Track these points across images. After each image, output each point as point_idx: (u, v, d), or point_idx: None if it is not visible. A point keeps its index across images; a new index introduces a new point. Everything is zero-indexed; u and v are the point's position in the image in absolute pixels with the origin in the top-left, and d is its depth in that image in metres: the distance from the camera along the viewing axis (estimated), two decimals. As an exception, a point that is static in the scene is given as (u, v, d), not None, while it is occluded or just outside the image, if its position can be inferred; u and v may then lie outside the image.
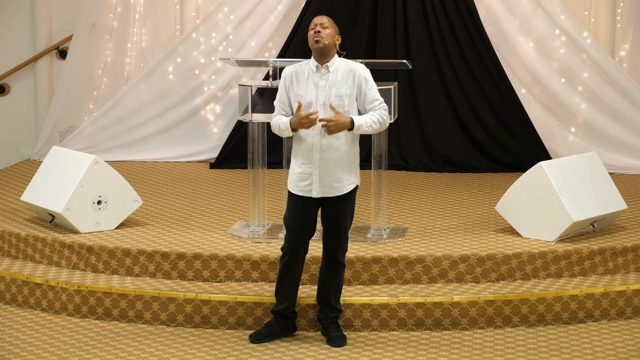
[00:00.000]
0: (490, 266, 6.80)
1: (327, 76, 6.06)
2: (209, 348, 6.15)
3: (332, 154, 6.02)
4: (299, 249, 6.14)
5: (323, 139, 6.00)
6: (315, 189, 6.04)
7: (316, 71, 6.08)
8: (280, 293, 6.23)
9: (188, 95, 10.45)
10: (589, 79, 9.94)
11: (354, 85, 6.06)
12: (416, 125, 10.15)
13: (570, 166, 7.34)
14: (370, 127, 6.00)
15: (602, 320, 6.61)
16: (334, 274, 6.21)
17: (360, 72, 6.08)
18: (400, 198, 8.66)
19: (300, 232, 6.11)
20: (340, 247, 6.17)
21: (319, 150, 6.01)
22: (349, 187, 6.09)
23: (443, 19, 10.03)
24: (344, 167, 6.06)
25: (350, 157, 6.10)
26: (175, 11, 10.75)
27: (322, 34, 6.02)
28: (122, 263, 6.97)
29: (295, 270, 6.17)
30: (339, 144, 6.04)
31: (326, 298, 6.26)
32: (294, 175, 6.10)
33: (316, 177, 6.03)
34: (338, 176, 6.05)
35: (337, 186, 6.05)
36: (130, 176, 9.35)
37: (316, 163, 6.02)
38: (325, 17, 6.15)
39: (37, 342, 6.22)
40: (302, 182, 6.07)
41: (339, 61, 6.13)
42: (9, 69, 10.80)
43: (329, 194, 6.05)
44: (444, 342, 6.24)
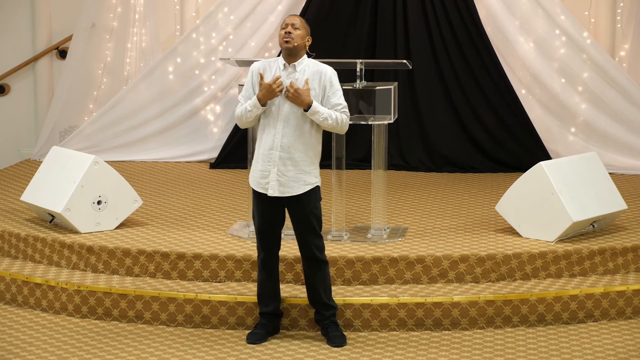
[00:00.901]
0: (490, 266, 6.80)
1: (294, 75, 6.09)
2: (209, 348, 6.15)
3: (293, 154, 6.05)
4: (272, 246, 6.21)
5: (284, 138, 6.03)
6: (272, 187, 6.07)
7: (283, 69, 6.11)
8: (264, 293, 6.27)
9: (188, 95, 10.45)
10: (589, 79, 9.94)
11: (320, 87, 6.09)
12: (416, 125, 10.15)
13: (570, 166, 7.34)
14: (326, 119, 6.03)
15: (602, 321, 6.61)
16: (317, 272, 6.20)
17: (327, 75, 6.13)
18: (400, 198, 8.66)
19: (268, 228, 6.17)
20: (313, 245, 6.15)
21: (279, 149, 6.04)
22: (306, 188, 6.09)
23: (443, 19, 10.03)
24: (303, 168, 6.08)
25: (310, 158, 6.11)
26: (175, 11, 10.76)
27: (292, 34, 6.06)
28: (122, 263, 6.97)
29: (274, 267, 6.24)
30: (301, 144, 6.05)
31: (317, 297, 6.25)
32: (256, 172, 6.15)
33: (274, 175, 6.06)
34: (296, 176, 6.07)
35: (294, 186, 6.07)
36: (130, 176, 9.35)
37: (275, 162, 6.05)
38: (298, 17, 6.19)
39: (37, 342, 6.22)
40: (262, 179, 6.11)
41: (307, 61, 6.16)
42: (9, 69, 10.80)
43: (286, 193, 6.07)
44: (444, 342, 6.24)
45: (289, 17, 6.18)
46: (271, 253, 6.23)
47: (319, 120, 6.04)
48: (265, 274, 6.24)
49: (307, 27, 6.18)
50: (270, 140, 6.06)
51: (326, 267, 6.24)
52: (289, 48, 6.07)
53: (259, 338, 6.21)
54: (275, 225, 6.18)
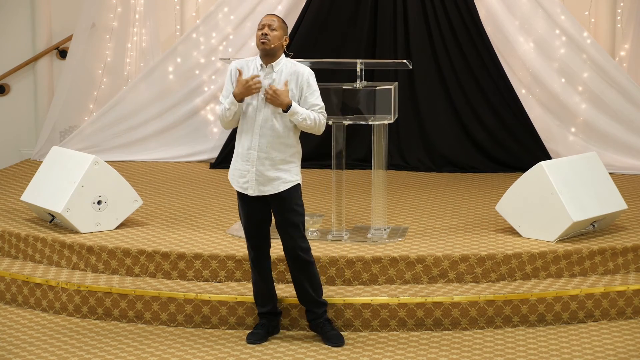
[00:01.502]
0: (490, 266, 6.80)
1: (271, 75, 6.08)
2: (209, 348, 6.15)
3: (270, 154, 6.05)
4: (262, 246, 6.21)
5: (261, 138, 6.02)
6: (251, 187, 6.08)
7: (260, 70, 6.10)
8: (260, 292, 6.27)
9: (188, 95, 10.45)
10: (589, 79, 9.94)
11: (297, 88, 6.08)
12: (416, 125, 10.14)
13: (571, 166, 7.34)
14: (305, 120, 6.02)
15: (602, 321, 6.61)
16: (302, 272, 6.18)
17: (304, 75, 6.11)
18: (400, 198, 8.66)
19: (254, 227, 6.17)
20: (296, 245, 6.12)
21: (257, 149, 6.04)
22: (285, 186, 6.08)
23: (443, 19, 10.03)
24: (281, 166, 6.07)
25: (289, 157, 6.10)
26: (175, 11, 10.75)
27: (269, 36, 6.04)
28: (122, 263, 6.97)
29: (265, 266, 6.23)
30: (278, 144, 6.05)
31: (307, 296, 6.23)
32: (235, 171, 6.18)
33: (252, 175, 6.07)
34: (274, 175, 6.07)
35: (273, 184, 6.07)
36: (130, 176, 9.35)
37: (254, 162, 6.06)
38: (275, 17, 6.15)
39: (37, 342, 6.22)
40: (241, 178, 6.13)
41: (284, 62, 6.14)
42: (9, 69, 10.80)
43: (265, 192, 6.08)
44: (444, 342, 6.24)
45: (266, 17, 6.14)
46: (261, 251, 6.21)
47: (298, 121, 6.02)
48: (257, 274, 6.24)
49: (285, 27, 6.15)
50: (248, 140, 6.07)
51: (312, 267, 6.20)
52: (265, 49, 6.05)
53: (259, 338, 6.20)
54: (261, 222, 6.17)
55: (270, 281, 6.28)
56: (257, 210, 6.15)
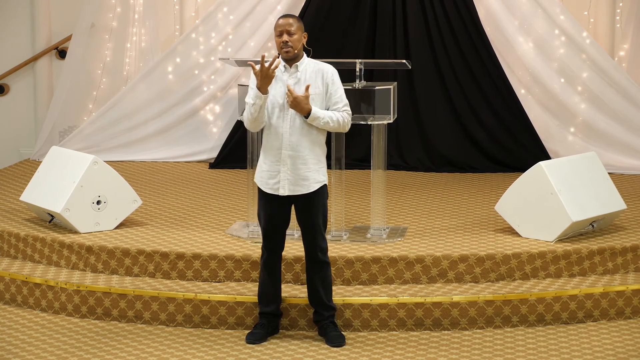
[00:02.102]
0: (489, 266, 6.80)
1: (296, 75, 6.08)
2: (209, 348, 6.15)
3: (301, 152, 6.04)
4: (276, 245, 6.20)
5: (292, 137, 6.02)
6: (283, 187, 6.07)
7: (285, 71, 6.10)
8: (266, 293, 6.25)
9: (187, 95, 10.45)
10: (589, 79, 9.94)
11: (322, 85, 6.10)
12: (415, 125, 10.15)
13: (570, 166, 7.34)
14: (327, 123, 6.03)
15: (602, 320, 6.61)
16: (317, 272, 6.21)
17: (328, 73, 6.12)
18: (399, 198, 8.66)
19: (274, 229, 6.16)
20: (317, 245, 6.16)
21: (288, 148, 6.04)
22: (317, 186, 6.10)
23: (442, 19, 10.03)
24: (312, 166, 6.08)
25: (318, 155, 6.12)
26: (175, 11, 10.75)
27: (290, 43, 6.03)
28: (122, 263, 6.97)
29: (275, 267, 6.23)
30: (308, 142, 6.06)
31: (317, 298, 6.25)
32: (263, 173, 6.15)
33: (284, 175, 6.06)
34: (306, 174, 6.07)
35: (304, 184, 6.07)
36: (130, 176, 9.35)
37: (285, 161, 6.05)
38: (291, 18, 6.10)
39: (37, 342, 6.22)
40: (270, 179, 6.10)
41: (307, 61, 6.15)
42: (9, 69, 10.80)
43: (297, 192, 6.08)
44: (443, 342, 6.24)
45: (282, 20, 6.09)
46: (275, 254, 6.22)
47: (320, 125, 6.03)
48: (267, 275, 6.24)
49: (301, 25, 6.12)
50: (277, 140, 6.05)
51: (328, 268, 6.25)
52: (289, 57, 6.06)
53: (259, 338, 6.20)
54: (282, 224, 6.18)
55: (279, 282, 6.27)
56: (281, 211, 6.14)
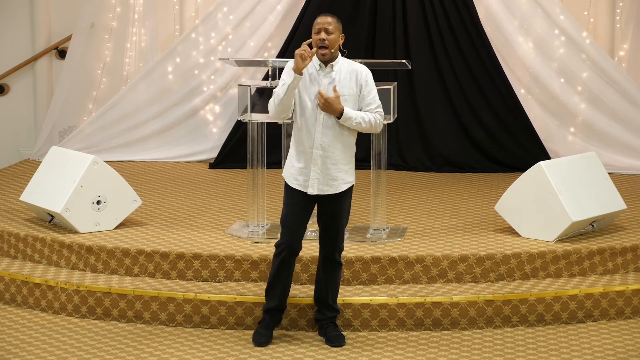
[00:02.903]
0: (489, 266, 6.80)
1: (331, 75, 6.06)
2: (209, 348, 6.15)
3: (332, 152, 6.04)
4: (297, 243, 6.15)
5: (324, 137, 6.01)
6: (312, 186, 6.05)
7: (319, 69, 6.08)
8: (275, 289, 6.20)
9: (187, 95, 10.45)
10: (588, 79, 9.94)
11: (356, 86, 6.09)
12: (415, 125, 10.15)
13: (570, 166, 7.34)
14: (359, 123, 6.03)
15: (602, 320, 6.61)
16: (331, 273, 6.22)
17: (362, 74, 6.12)
18: (399, 198, 8.66)
19: (298, 226, 6.12)
20: (337, 246, 6.18)
21: (320, 148, 6.02)
22: (345, 186, 6.11)
23: (442, 19, 10.03)
24: (342, 166, 6.08)
25: (348, 156, 6.12)
26: (175, 11, 10.75)
27: (327, 40, 6.01)
28: (122, 263, 6.97)
29: (291, 265, 6.19)
30: (339, 143, 6.05)
31: (324, 298, 6.25)
32: (293, 169, 6.12)
33: (315, 174, 6.05)
34: (335, 174, 6.07)
35: (333, 184, 6.07)
36: (130, 176, 9.35)
37: (316, 160, 6.04)
38: (330, 17, 6.09)
39: (37, 342, 6.22)
40: (301, 176, 6.08)
41: (342, 61, 6.14)
42: (9, 69, 10.80)
43: (326, 191, 6.07)
44: (443, 342, 6.24)
45: (322, 18, 6.07)
46: (294, 251, 6.14)
47: (352, 125, 6.02)
48: (282, 271, 6.14)
49: (340, 25, 6.10)
50: (309, 140, 6.03)
51: (340, 270, 6.26)
52: (325, 57, 6.04)
53: (266, 340, 6.13)
54: (305, 221, 6.15)
55: (290, 279, 6.22)
56: (308, 208, 6.13)
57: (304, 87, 6.04)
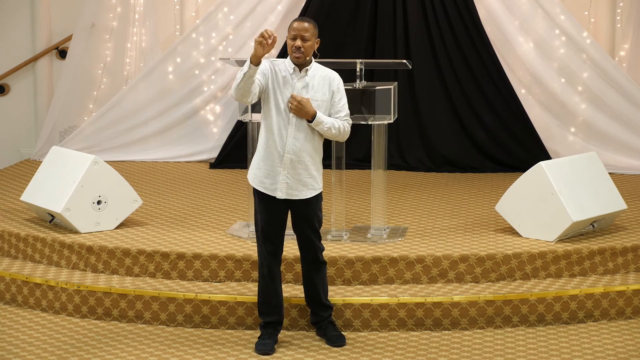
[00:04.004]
0: (490, 266, 6.80)
1: (305, 79, 6.03)
2: (209, 348, 6.15)
3: (303, 157, 5.99)
4: (277, 250, 6.09)
5: (296, 141, 5.96)
6: (280, 190, 6.00)
7: (293, 73, 6.04)
8: (269, 304, 6.12)
9: (188, 95, 10.45)
10: (589, 79, 9.94)
11: (329, 92, 6.06)
12: (416, 125, 10.15)
13: (570, 166, 7.34)
14: (330, 129, 6.00)
15: (602, 320, 6.61)
16: (318, 273, 6.19)
17: (335, 81, 6.10)
18: (400, 198, 8.66)
19: (275, 232, 6.06)
20: (316, 247, 6.14)
21: (291, 153, 5.97)
22: (313, 193, 6.06)
23: (443, 19, 10.03)
24: (313, 172, 6.04)
25: (318, 162, 6.09)
26: (175, 11, 10.76)
27: (302, 49, 5.97)
28: (122, 263, 6.97)
29: (278, 273, 6.11)
30: (311, 147, 6.01)
31: (317, 298, 6.23)
32: (259, 171, 6.06)
33: (284, 177, 5.99)
34: (305, 180, 6.03)
35: (302, 190, 6.02)
36: (130, 176, 9.35)
37: (287, 164, 5.98)
38: (307, 22, 6.02)
39: (37, 342, 6.22)
40: (267, 179, 6.03)
41: (315, 66, 6.11)
42: (9, 69, 10.80)
43: (294, 196, 6.02)
44: (443, 342, 6.24)
45: (298, 23, 6.02)
46: (276, 258, 6.10)
47: (323, 130, 5.99)
48: (269, 281, 6.10)
49: (316, 30, 6.05)
50: (280, 142, 5.98)
51: (325, 268, 6.25)
52: (299, 63, 6.01)
53: (270, 348, 6.05)
54: (281, 225, 6.08)
55: (280, 288, 6.16)
56: (280, 212, 6.06)
57: (277, 89, 6.00)
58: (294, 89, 6.00)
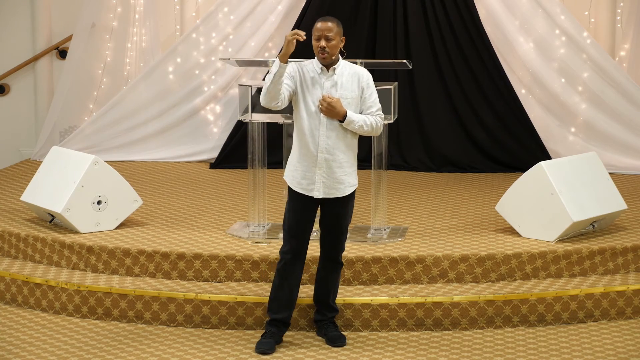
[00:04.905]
0: (490, 266, 6.80)
1: (333, 78, 6.02)
2: (209, 348, 6.15)
3: (337, 155, 6.00)
4: (302, 250, 6.10)
5: (328, 140, 5.97)
6: (317, 189, 6.02)
7: (321, 72, 6.04)
8: (280, 300, 6.12)
9: (188, 95, 10.45)
10: (589, 79, 9.94)
11: (358, 89, 6.06)
12: (416, 125, 10.15)
13: (570, 166, 7.34)
14: (362, 127, 6.00)
15: (602, 320, 6.61)
16: (332, 273, 6.21)
17: (364, 77, 6.09)
18: (400, 198, 8.66)
19: (303, 231, 6.07)
20: (341, 247, 6.18)
21: (325, 152, 5.99)
22: (351, 189, 6.09)
23: (443, 19, 10.03)
24: (347, 169, 6.06)
25: (352, 159, 6.10)
26: (175, 11, 10.76)
27: (328, 48, 5.95)
28: (122, 263, 6.97)
29: (297, 273, 6.10)
30: (343, 145, 6.02)
31: (324, 298, 6.25)
32: (296, 172, 6.07)
33: (320, 177, 6.01)
34: (342, 178, 6.04)
35: (339, 187, 6.04)
36: (130, 176, 9.35)
37: (321, 164, 6.00)
38: (330, 22, 5.98)
39: (37, 342, 6.22)
40: (304, 180, 6.05)
41: (343, 64, 6.10)
42: (9, 69, 10.80)
43: (331, 195, 6.04)
44: (444, 342, 6.24)
45: (321, 24, 5.97)
46: (299, 257, 6.08)
47: (355, 128, 5.99)
48: (286, 279, 6.07)
49: (340, 29, 6.02)
50: (313, 143, 5.98)
51: (341, 270, 6.27)
52: (325, 62, 5.99)
53: (270, 347, 6.04)
54: (310, 224, 6.09)
55: (297, 288, 6.14)
56: (312, 213, 6.08)
57: (307, 90, 6.00)
58: (323, 88, 5.99)
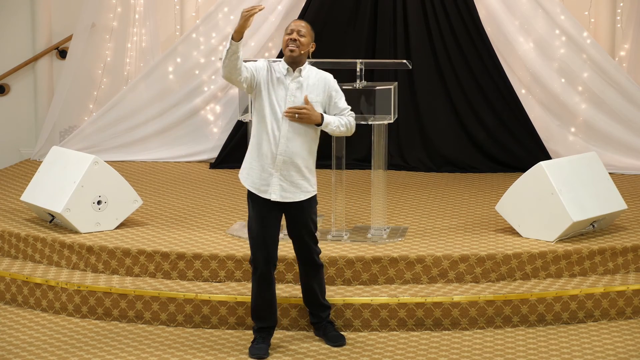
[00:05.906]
0: (490, 266, 6.80)
1: (299, 80, 6.00)
2: (209, 348, 6.15)
3: (297, 159, 5.93)
4: (272, 256, 6.00)
5: (289, 143, 5.91)
6: (274, 192, 5.94)
7: (287, 74, 6.01)
8: (262, 309, 6.06)
9: (188, 95, 10.45)
10: (589, 79, 9.94)
11: (324, 94, 6.03)
12: (416, 125, 10.15)
13: (570, 166, 7.34)
14: (338, 127, 6.01)
15: (602, 320, 6.61)
16: (315, 276, 6.17)
17: (331, 83, 6.07)
18: (400, 198, 8.66)
19: (270, 237, 5.97)
20: (313, 250, 6.10)
21: (284, 154, 5.91)
22: (307, 195, 6.01)
23: (443, 19, 10.03)
24: (305, 174, 5.99)
25: (311, 164, 6.05)
26: (175, 11, 10.76)
27: (298, 42, 5.96)
28: (122, 263, 6.97)
29: (272, 280, 6.03)
30: (305, 150, 5.97)
31: (314, 299, 6.22)
32: (252, 171, 5.99)
33: (276, 180, 5.93)
34: (298, 182, 5.97)
35: (296, 192, 5.96)
36: (130, 176, 9.35)
37: (279, 166, 5.93)
38: (304, 22, 6.06)
39: (37, 342, 6.22)
40: (259, 180, 5.97)
41: (309, 67, 6.08)
42: (9, 69, 10.80)
43: (288, 198, 5.96)
44: (444, 342, 6.24)
45: (295, 22, 6.05)
46: (270, 262, 5.99)
47: (332, 130, 5.99)
48: (265, 288, 6.02)
49: (313, 33, 6.07)
50: (273, 144, 5.92)
51: (323, 270, 6.23)
52: (293, 56, 5.96)
53: (264, 352, 6.00)
54: (276, 233, 6.01)
55: (274, 294, 6.09)
56: (275, 217, 6.00)
57: (272, 89, 5.96)
58: (288, 89, 5.97)
